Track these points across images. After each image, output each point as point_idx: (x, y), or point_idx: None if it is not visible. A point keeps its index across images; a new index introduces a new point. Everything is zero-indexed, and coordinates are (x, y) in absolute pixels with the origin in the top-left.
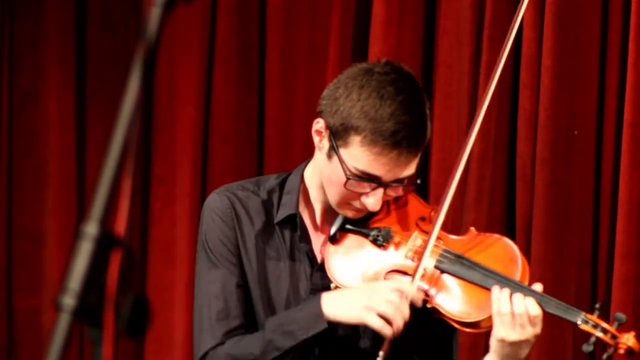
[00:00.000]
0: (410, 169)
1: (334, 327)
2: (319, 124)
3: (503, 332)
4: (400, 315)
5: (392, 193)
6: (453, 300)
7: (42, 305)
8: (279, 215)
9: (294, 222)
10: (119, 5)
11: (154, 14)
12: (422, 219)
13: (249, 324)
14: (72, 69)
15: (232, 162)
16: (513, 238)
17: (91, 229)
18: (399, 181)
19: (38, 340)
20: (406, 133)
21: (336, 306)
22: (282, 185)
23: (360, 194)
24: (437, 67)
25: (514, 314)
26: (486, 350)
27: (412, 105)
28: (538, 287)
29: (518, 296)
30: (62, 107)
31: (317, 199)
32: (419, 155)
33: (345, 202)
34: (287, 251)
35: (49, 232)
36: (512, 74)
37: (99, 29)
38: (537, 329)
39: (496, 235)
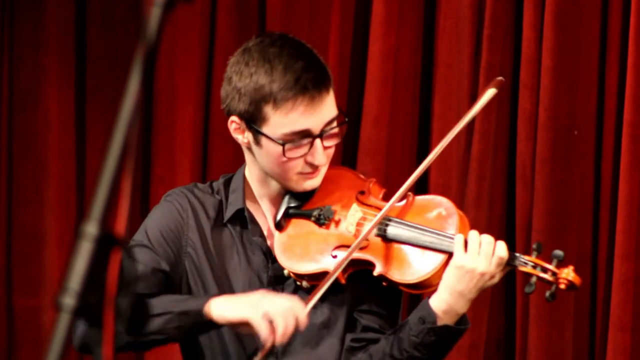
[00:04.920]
0: (331, 109)
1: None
2: (233, 123)
3: (471, 262)
4: (284, 323)
5: (329, 142)
6: (396, 265)
7: (42, 305)
8: (228, 213)
9: (243, 218)
10: (119, 5)
11: (154, 14)
12: (362, 192)
13: None
14: (72, 69)
15: (232, 162)
16: (513, 238)
17: (91, 228)
18: (329, 125)
19: (38, 340)
20: (308, 75)
21: (226, 303)
22: (226, 185)
23: (303, 157)
24: (437, 67)
25: (481, 243)
26: (486, 349)
27: (300, 51)
28: None
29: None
30: (62, 107)
31: (262, 195)
32: (331, 93)
33: (294, 172)
34: (242, 248)
35: (49, 232)
36: (512, 74)
37: (99, 29)
38: (499, 272)
39: (433, 196)
